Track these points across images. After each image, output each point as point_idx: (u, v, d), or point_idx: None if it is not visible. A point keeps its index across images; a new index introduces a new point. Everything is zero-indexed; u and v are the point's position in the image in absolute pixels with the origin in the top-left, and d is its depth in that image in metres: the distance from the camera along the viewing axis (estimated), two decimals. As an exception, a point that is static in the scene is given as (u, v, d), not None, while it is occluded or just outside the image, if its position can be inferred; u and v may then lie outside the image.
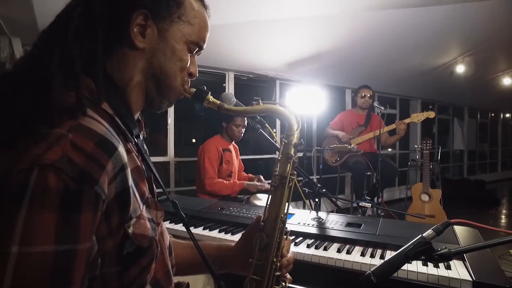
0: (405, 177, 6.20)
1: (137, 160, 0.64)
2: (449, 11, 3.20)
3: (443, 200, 5.50)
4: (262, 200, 2.49)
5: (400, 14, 3.17)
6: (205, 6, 0.74)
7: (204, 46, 0.76)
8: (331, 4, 2.89)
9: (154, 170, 0.73)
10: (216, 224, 1.45)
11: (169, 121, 3.58)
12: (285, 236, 0.79)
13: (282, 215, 0.76)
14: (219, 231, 1.38)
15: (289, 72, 4.16)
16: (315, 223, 1.38)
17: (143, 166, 0.67)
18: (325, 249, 1.14)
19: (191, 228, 1.41)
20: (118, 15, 0.63)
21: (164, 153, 3.59)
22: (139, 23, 0.64)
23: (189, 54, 0.72)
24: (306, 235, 1.28)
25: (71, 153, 0.46)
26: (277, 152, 0.82)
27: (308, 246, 1.18)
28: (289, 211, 1.50)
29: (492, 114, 8.72)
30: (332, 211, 4.30)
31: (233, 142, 2.80)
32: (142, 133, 0.79)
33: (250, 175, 3.00)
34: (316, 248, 1.16)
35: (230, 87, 3.98)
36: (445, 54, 4.35)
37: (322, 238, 1.26)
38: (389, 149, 6.20)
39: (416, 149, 4.68)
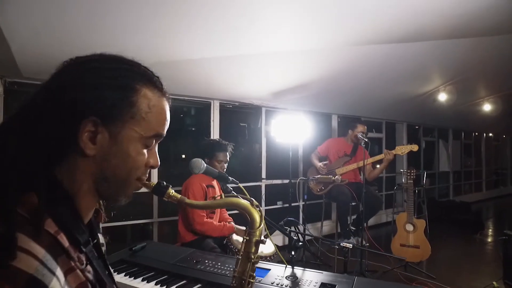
0: (391, 200, 6.23)
1: (82, 275, 0.62)
2: (430, 46, 3.29)
3: (430, 224, 5.56)
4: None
5: (382, 48, 3.24)
6: (163, 93, 0.72)
7: (163, 136, 0.75)
8: (314, 40, 2.95)
9: (109, 269, 0.72)
10: (189, 283, 1.43)
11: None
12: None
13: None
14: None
15: (274, 100, 4.20)
16: (288, 283, 1.36)
17: (92, 273, 0.65)
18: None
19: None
20: (66, 123, 0.61)
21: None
22: (89, 130, 0.62)
23: (145, 150, 0.71)
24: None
25: None
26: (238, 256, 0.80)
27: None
28: (265, 266, 1.49)
29: (476, 134, 8.89)
30: (317, 237, 4.31)
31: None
32: (100, 225, 0.78)
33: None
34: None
35: (215, 115, 3.98)
36: (428, 83, 4.46)
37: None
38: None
39: (402, 172, 4.73)
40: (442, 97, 4.62)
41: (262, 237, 0.78)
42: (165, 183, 0.76)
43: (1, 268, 0.48)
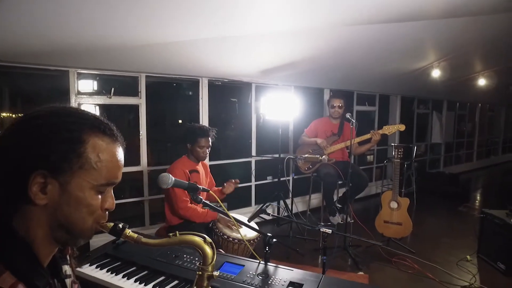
0: (382, 172, 6.35)
1: None
2: (424, 25, 3.18)
3: (417, 196, 5.72)
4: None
5: (373, 28, 3.14)
6: (114, 139, 0.74)
7: (118, 181, 0.77)
8: (306, 20, 2.84)
9: None
10: (167, 279, 1.51)
11: (141, 132, 3.55)
12: None
13: None
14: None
15: (264, 77, 4.13)
16: (258, 281, 1.44)
17: None
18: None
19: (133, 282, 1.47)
20: (15, 177, 0.64)
21: (137, 162, 3.59)
22: (38, 181, 0.64)
23: (99, 195, 0.73)
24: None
25: None
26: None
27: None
28: (239, 263, 1.57)
29: (470, 104, 8.84)
30: (305, 211, 4.45)
31: (200, 162, 2.81)
32: (68, 258, 0.82)
33: (219, 188, 3.03)
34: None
35: (203, 93, 3.93)
36: (421, 60, 4.37)
37: (262, 304, 1.33)
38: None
39: (393, 146, 4.78)
40: (436, 73, 4.55)
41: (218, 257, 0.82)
42: (121, 225, 0.79)
43: None
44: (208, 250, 0.81)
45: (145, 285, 1.48)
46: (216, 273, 0.82)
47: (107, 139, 0.72)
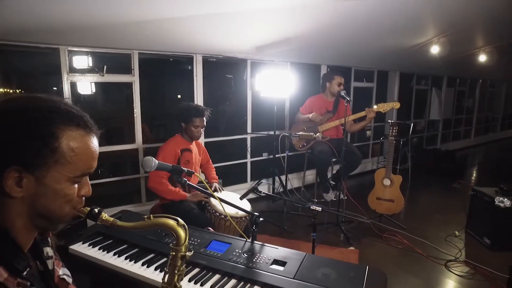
0: (378, 148, 6.39)
1: None
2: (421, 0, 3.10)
3: (413, 173, 5.78)
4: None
5: (369, 2, 3.06)
6: (88, 130, 0.75)
7: (93, 170, 0.79)
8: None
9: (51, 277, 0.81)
10: (156, 257, 1.57)
11: (135, 110, 3.54)
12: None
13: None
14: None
15: (258, 54, 4.06)
16: (244, 259, 1.50)
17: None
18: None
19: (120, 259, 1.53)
20: None
21: (132, 140, 3.61)
22: (13, 176, 0.66)
23: (75, 185, 0.75)
24: (230, 275, 1.41)
25: None
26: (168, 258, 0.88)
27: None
28: (226, 241, 1.62)
29: (470, 80, 8.72)
30: (300, 187, 4.52)
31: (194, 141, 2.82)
32: (49, 239, 0.86)
33: (212, 172, 3.08)
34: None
35: (198, 69, 3.88)
36: (419, 35, 4.27)
37: (245, 280, 1.38)
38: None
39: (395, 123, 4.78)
40: (435, 49, 4.46)
41: (187, 251, 0.85)
42: (97, 210, 0.81)
43: None
44: (181, 232, 0.84)
45: (135, 262, 1.54)
46: (189, 253, 0.85)
47: (81, 131, 0.73)
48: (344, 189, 3.74)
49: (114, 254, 1.59)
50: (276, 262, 1.48)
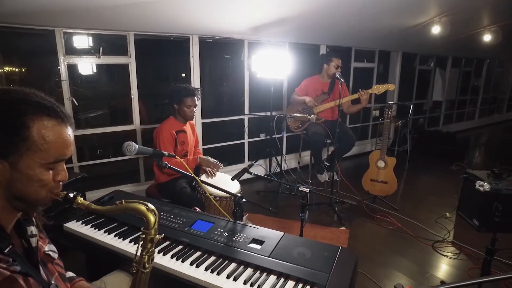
0: (377, 130, 6.38)
1: (7, 271, 0.78)
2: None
3: (411, 155, 5.80)
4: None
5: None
6: (60, 120, 0.81)
7: (68, 156, 0.85)
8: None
9: (37, 259, 0.90)
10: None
11: (132, 91, 3.59)
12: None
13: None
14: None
15: (255, 34, 4.03)
16: (224, 238, 1.58)
17: (22, 267, 0.82)
18: (218, 273, 1.37)
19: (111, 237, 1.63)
20: None
21: (130, 121, 3.68)
22: None
23: (49, 171, 0.82)
24: (211, 253, 1.50)
25: None
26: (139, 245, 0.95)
27: (206, 269, 1.40)
28: (210, 220, 1.70)
29: (476, 60, 8.53)
30: (296, 168, 4.59)
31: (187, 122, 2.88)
32: (34, 219, 0.94)
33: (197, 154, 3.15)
34: (212, 271, 1.38)
35: (194, 50, 3.89)
36: (421, 15, 4.18)
37: (223, 257, 1.47)
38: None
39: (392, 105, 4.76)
40: (436, 29, 4.38)
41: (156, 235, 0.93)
42: (72, 194, 0.88)
43: None
44: (150, 216, 0.91)
45: (123, 239, 1.63)
46: (158, 237, 0.93)
47: (52, 121, 0.79)
48: (338, 170, 3.79)
49: (105, 232, 1.69)
50: (254, 241, 1.56)
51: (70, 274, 1.16)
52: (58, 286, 0.94)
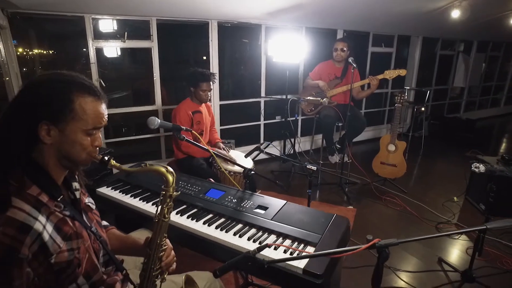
0: (393, 115, 6.37)
1: (60, 214, 1.02)
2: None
3: (428, 139, 5.79)
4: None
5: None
6: (97, 97, 1.03)
7: (102, 125, 1.08)
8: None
9: (80, 208, 1.14)
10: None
11: (154, 74, 3.83)
12: (164, 248, 1.20)
13: (158, 241, 1.16)
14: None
15: (272, 19, 4.15)
16: (234, 204, 1.80)
17: (70, 212, 1.06)
18: (227, 231, 1.60)
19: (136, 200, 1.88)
20: (29, 126, 0.96)
21: (153, 102, 3.94)
22: (44, 128, 0.97)
23: (88, 137, 1.05)
24: (221, 215, 1.74)
25: (2, 238, 0.86)
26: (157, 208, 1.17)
27: (217, 227, 1.64)
28: (222, 189, 1.93)
29: (505, 44, 8.19)
30: (308, 151, 4.75)
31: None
32: (77, 177, 1.18)
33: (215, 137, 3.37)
34: (221, 229, 1.62)
35: (213, 35, 4.06)
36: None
37: (232, 219, 1.70)
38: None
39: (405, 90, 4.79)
40: (456, 13, 4.33)
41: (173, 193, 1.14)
42: (107, 157, 1.10)
43: (4, 216, 0.88)
44: (169, 176, 1.12)
45: (146, 202, 1.89)
46: (175, 193, 1.14)
47: (91, 97, 1.02)
48: (349, 153, 3.93)
49: (131, 196, 1.95)
50: (259, 207, 1.77)
51: (104, 222, 1.41)
52: (97, 229, 1.18)
